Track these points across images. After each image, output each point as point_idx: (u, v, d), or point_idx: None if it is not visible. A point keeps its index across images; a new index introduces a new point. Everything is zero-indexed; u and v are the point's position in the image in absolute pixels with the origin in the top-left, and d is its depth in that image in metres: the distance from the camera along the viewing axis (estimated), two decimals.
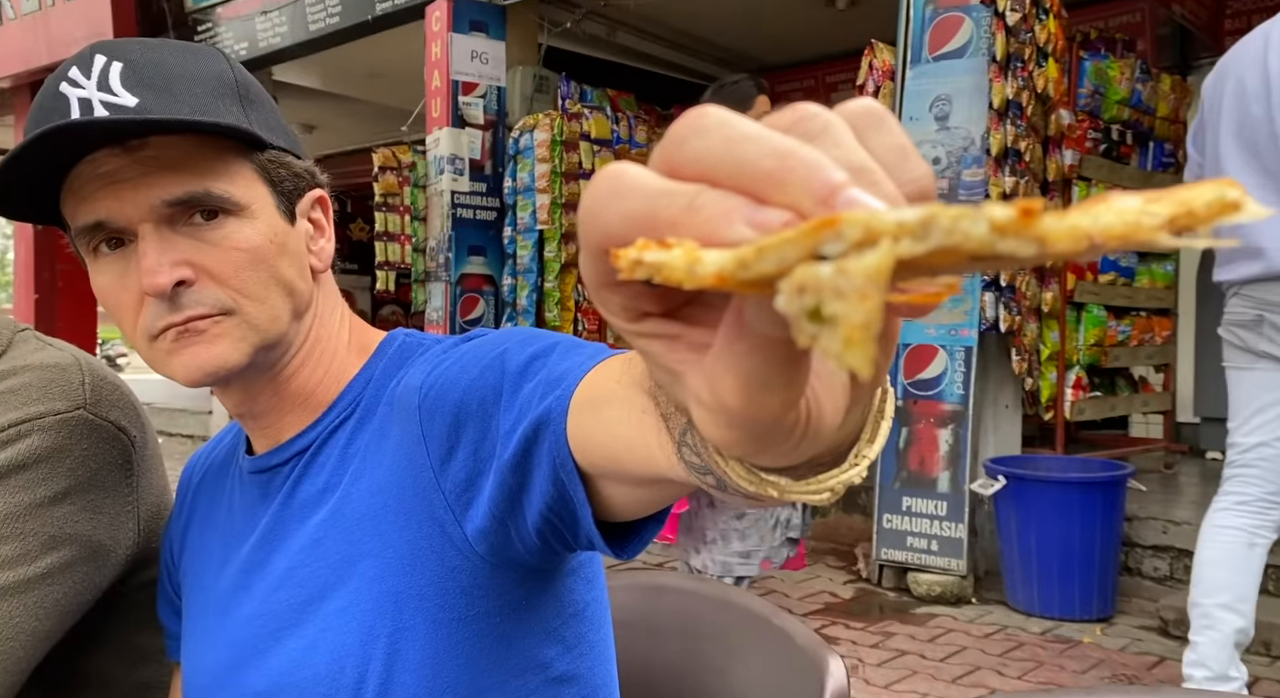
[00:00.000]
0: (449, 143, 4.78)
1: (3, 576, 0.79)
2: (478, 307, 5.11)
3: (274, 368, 0.76)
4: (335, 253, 0.83)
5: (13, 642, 0.80)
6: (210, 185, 0.69)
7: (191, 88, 0.71)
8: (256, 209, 0.72)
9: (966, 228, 0.20)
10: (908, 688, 2.55)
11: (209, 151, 0.70)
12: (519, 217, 5.00)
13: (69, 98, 0.67)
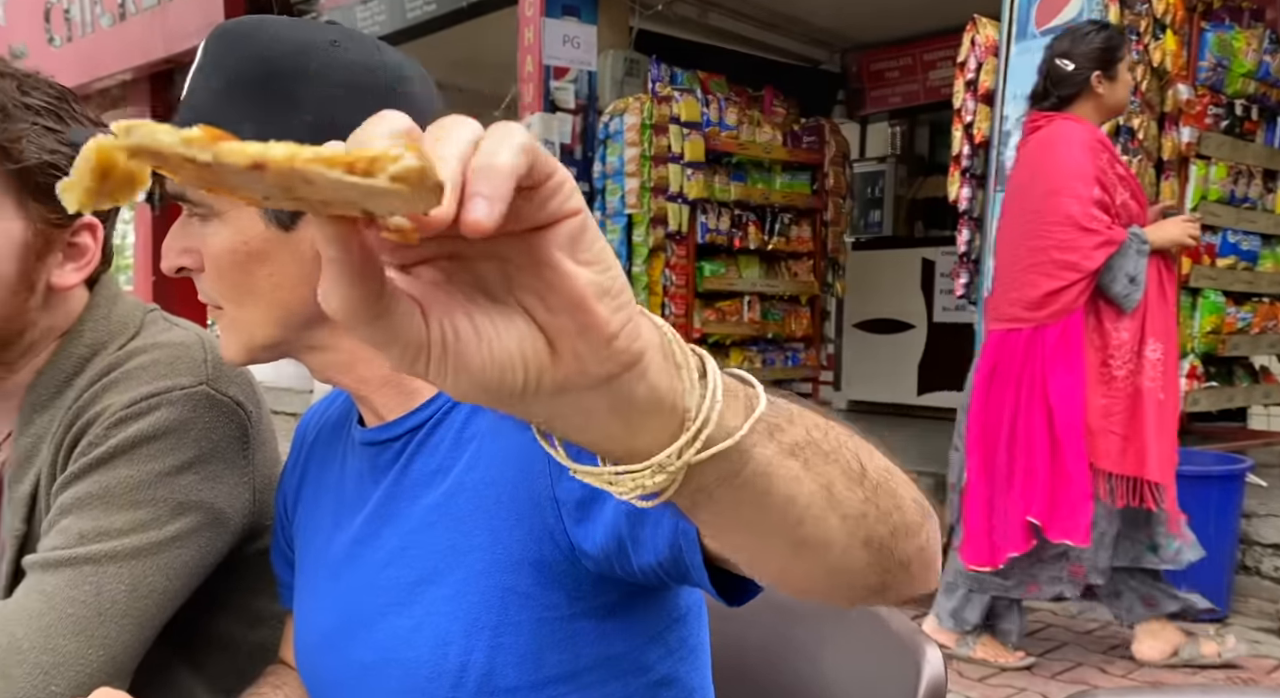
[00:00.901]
0: (541, 128, 4.83)
1: (137, 538, 0.84)
2: None
3: (314, 357, 0.79)
4: None
5: (146, 600, 0.85)
6: (187, 188, 0.72)
7: (221, 77, 0.73)
8: (231, 216, 0.74)
9: (163, 139, 0.29)
10: (1003, 683, 2.48)
11: None
12: (608, 201, 5.03)
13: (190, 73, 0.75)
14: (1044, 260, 2.43)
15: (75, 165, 0.30)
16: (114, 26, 7.43)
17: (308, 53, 0.73)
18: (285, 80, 0.72)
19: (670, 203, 4.92)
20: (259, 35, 0.74)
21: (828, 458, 0.46)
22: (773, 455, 0.44)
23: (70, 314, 0.95)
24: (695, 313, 5.16)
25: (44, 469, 0.90)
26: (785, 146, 5.33)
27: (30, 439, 0.91)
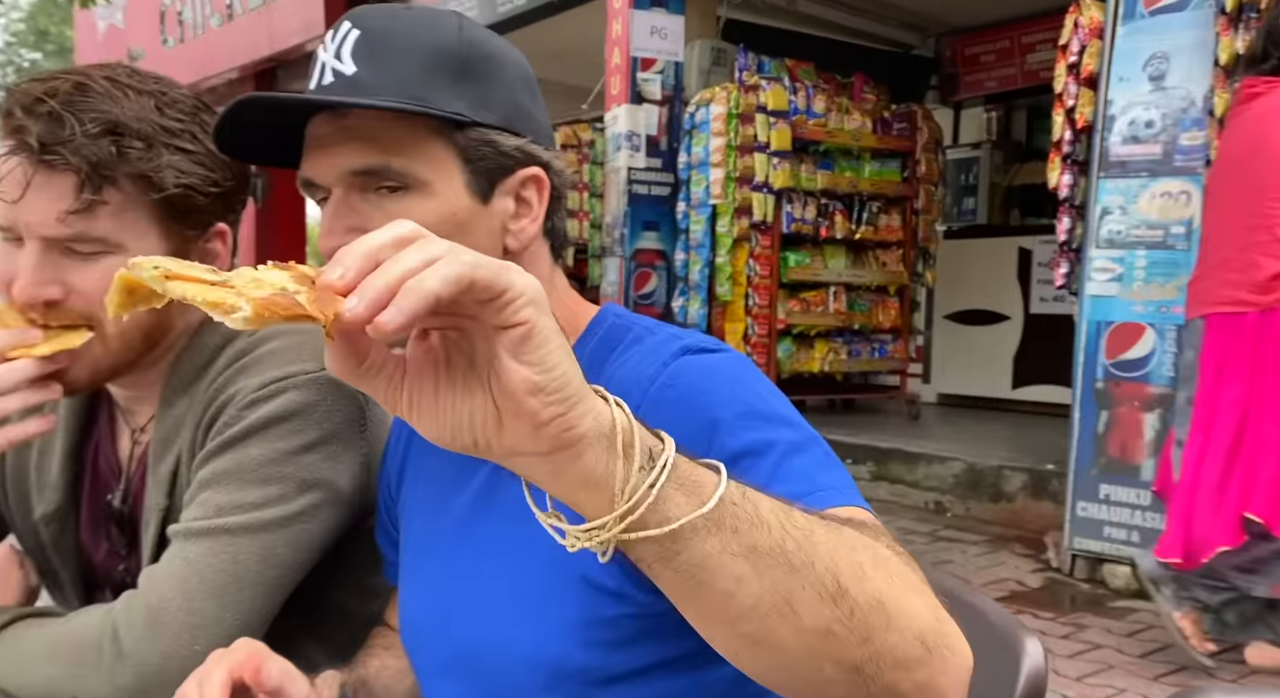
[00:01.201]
0: (627, 120, 4.86)
1: (268, 511, 0.90)
2: (650, 281, 5.19)
3: None
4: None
5: (275, 569, 0.91)
6: (392, 160, 0.72)
7: (408, 61, 0.73)
8: (439, 187, 0.74)
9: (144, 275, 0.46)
10: (1103, 682, 2.40)
11: (401, 128, 0.72)
12: (692, 191, 5.03)
13: (318, 59, 0.75)
14: (1268, 238, 2.29)
15: (111, 287, 0.48)
16: (222, 27, 7.78)
17: (489, 40, 0.78)
18: (485, 63, 0.76)
19: (755, 192, 4.90)
20: (444, 18, 0.77)
21: (794, 571, 0.50)
22: (713, 552, 0.49)
23: (194, 310, 1.01)
24: (779, 303, 5.12)
25: (184, 448, 0.97)
26: (875, 134, 5.24)
27: (171, 422, 0.98)
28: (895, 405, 5.76)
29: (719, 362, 0.73)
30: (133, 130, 0.88)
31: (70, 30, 13.44)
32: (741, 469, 0.60)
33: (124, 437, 1.04)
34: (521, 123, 0.77)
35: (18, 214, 0.87)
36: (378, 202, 0.73)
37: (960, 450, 4.27)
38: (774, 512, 0.51)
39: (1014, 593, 3.11)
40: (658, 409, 0.69)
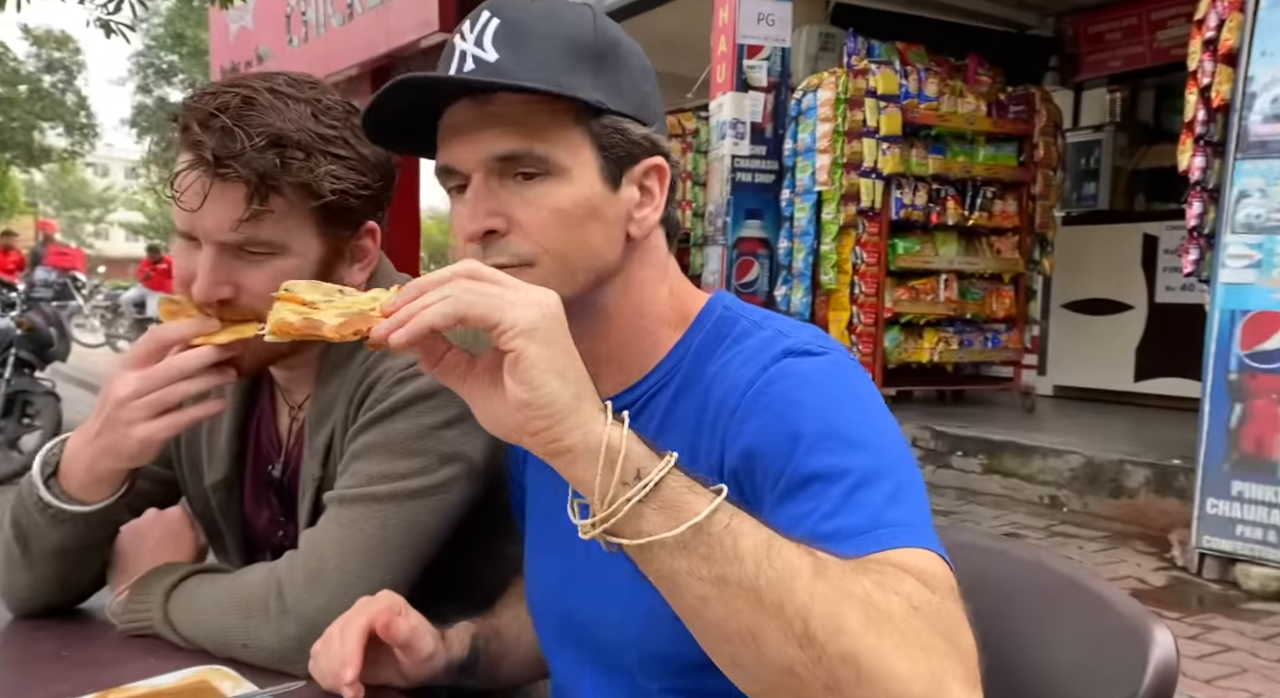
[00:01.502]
0: (731, 107, 4.86)
1: (414, 481, 0.97)
2: (752, 270, 5.17)
3: (574, 325, 0.82)
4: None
5: (420, 535, 0.98)
6: (535, 145, 0.74)
7: (548, 48, 0.75)
8: (577, 173, 0.75)
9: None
10: (1237, 686, 2.30)
11: (544, 114, 0.74)
12: (798, 178, 4.99)
13: (455, 48, 0.77)
14: None
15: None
16: (343, 26, 8.12)
17: (619, 34, 0.80)
18: (615, 52, 0.78)
19: (863, 178, 4.82)
20: (580, 10, 0.78)
21: (761, 607, 0.55)
22: (680, 571, 0.57)
23: None
24: (886, 291, 5.03)
25: (338, 423, 1.05)
26: (990, 117, 5.07)
27: (325, 399, 1.06)
28: (1008, 397, 5.59)
29: (817, 368, 0.73)
30: (294, 141, 0.94)
31: (204, 32, 14.22)
32: (811, 493, 0.64)
33: (283, 414, 1.14)
34: (647, 112, 0.79)
35: (196, 221, 0.95)
36: (516, 187, 0.75)
37: (1078, 444, 4.12)
38: (756, 549, 0.56)
39: (1136, 591, 2.99)
40: (750, 415, 0.71)
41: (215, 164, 0.92)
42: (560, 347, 0.61)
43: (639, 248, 0.80)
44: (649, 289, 0.82)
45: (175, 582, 0.98)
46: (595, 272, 0.77)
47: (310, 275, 0.99)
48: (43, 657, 0.95)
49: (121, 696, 0.81)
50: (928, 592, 0.58)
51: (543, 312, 0.60)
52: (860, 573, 0.57)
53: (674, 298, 0.83)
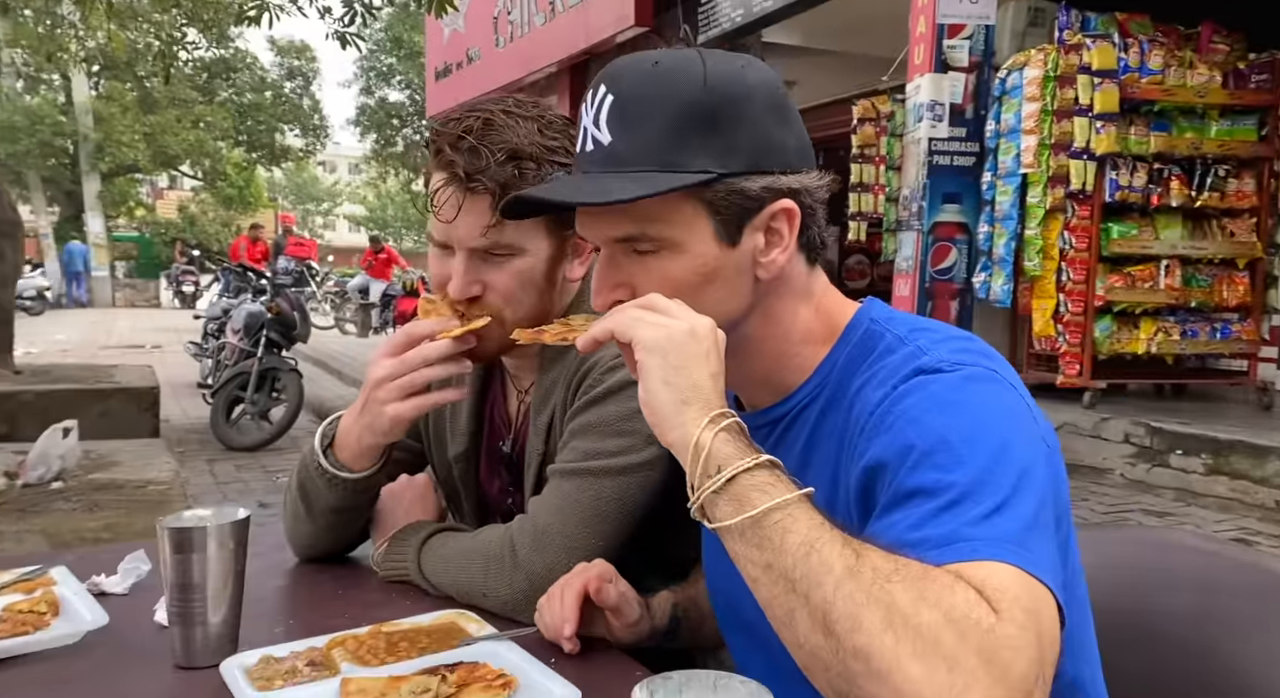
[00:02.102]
0: (929, 89, 4.71)
1: (623, 459, 1.09)
2: (949, 256, 5.00)
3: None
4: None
5: (629, 507, 1.10)
6: (646, 228, 0.81)
7: (659, 124, 0.78)
8: (690, 243, 0.81)
9: None
10: None
11: (654, 198, 0.79)
12: (1000, 160, 4.77)
13: (582, 121, 0.84)
14: None
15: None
16: (545, 25, 8.52)
17: (734, 79, 0.80)
18: (730, 108, 0.79)
19: (1074, 159, 4.54)
20: (690, 69, 0.80)
21: (794, 595, 0.65)
22: (740, 553, 0.68)
23: (570, 293, 1.23)
24: (1097, 278, 4.73)
25: (558, 405, 1.18)
26: (1225, 88, 4.63)
27: (548, 384, 1.20)
28: (1240, 393, 5.10)
29: (943, 385, 0.75)
30: (527, 154, 1.08)
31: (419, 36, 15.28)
32: (910, 505, 0.70)
33: (512, 397, 1.29)
34: (769, 158, 0.81)
35: (450, 231, 1.11)
36: (639, 260, 0.82)
37: None
38: (799, 546, 0.65)
39: None
40: (877, 433, 0.76)
41: (466, 180, 1.07)
42: (674, 360, 0.73)
43: (774, 284, 0.84)
44: (788, 316, 0.86)
45: (425, 537, 1.15)
46: (721, 322, 0.80)
47: (542, 270, 1.14)
48: (324, 595, 1.15)
49: (390, 628, 0.98)
50: (984, 609, 0.61)
51: (667, 333, 0.74)
52: (904, 581, 0.62)
53: (820, 314, 0.87)
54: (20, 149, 18.73)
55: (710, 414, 0.72)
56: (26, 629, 0.96)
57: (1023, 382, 0.81)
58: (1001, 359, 0.82)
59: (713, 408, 0.73)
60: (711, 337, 0.76)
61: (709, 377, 0.74)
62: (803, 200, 0.82)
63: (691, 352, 0.74)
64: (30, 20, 10.26)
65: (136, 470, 4.11)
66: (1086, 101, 4.47)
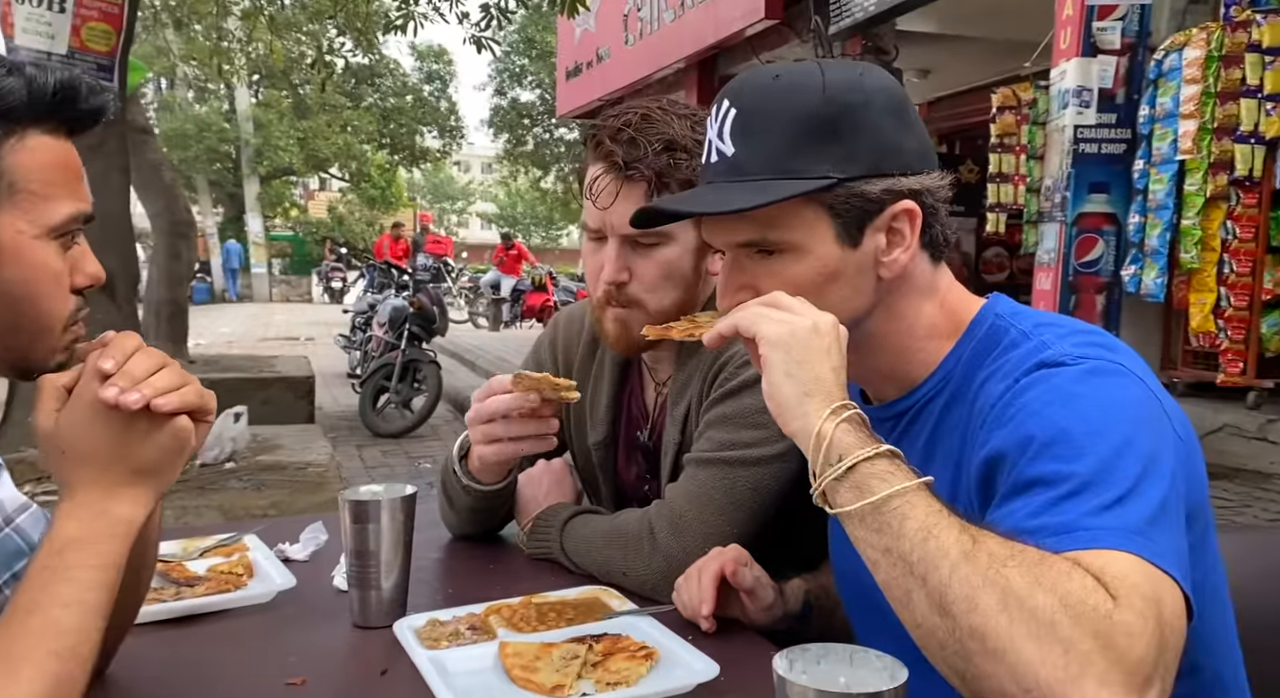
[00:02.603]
0: (1076, 73, 4.50)
1: (756, 450, 1.14)
2: (1095, 248, 4.76)
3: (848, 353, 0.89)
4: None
5: (762, 496, 1.14)
6: (767, 233, 0.84)
7: (780, 135, 0.82)
8: (811, 246, 0.84)
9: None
10: None
11: (775, 204, 0.82)
12: (1154, 147, 4.50)
13: (707, 133, 0.88)
14: None
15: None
16: (674, 21, 8.58)
17: (852, 87, 0.83)
18: (850, 116, 0.82)
19: (1239, 144, 4.24)
20: (809, 81, 0.83)
21: (911, 576, 0.67)
22: (860, 537, 0.71)
23: (710, 287, 1.28)
24: (1266, 271, 4.39)
25: (694, 397, 1.24)
26: None
27: (685, 377, 1.25)
28: None
29: (1065, 378, 0.76)
30: (681, 145, 1.15)
31: (551, 36, 15.65)
32: (1028, 494, 0.71)
33: (650, 389, 1.35)
34: (889, 161, 0.83)
35: (606, 217, 1.18)
36: (762, 262, 0.86)
37: None
38: (916, 532, 0.68)
39: None
40: (998, 425, 0.77)
41: (624, 168, 1.15)
42: (796, 355, 0.77)
43: (897, 282, 0.86)
44: (913, 312, 0.88)
45: (567, 518, 1.23)
46: (844, 320, 0.82)
47: (689, 262, 1.20)
48: (476, 569, 1.24)
49: (540, 600, 1.06)
50: (1101, 595, 0.62)
51: (790, 329, 0.77)
52: (1019, 566, 0.64)
53: (944, 310, 0.89)
54: (190, 155, 20.34)
55: (832, 405, 0.75)
56: (228, 588, 1.09)
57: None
58: (1129, 352, 0.82)
59: (834, 400, 0.76)
60: (834, 332, 0.79)
61: (830, 370, 0.77)
62: (924, 200, 0.85)
63: (814, 346, 0.77)
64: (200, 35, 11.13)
65: (297, 453, 4.44)
66: (1255, 82, 4.16)
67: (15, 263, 0.71)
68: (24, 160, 0.71)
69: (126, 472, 0.72)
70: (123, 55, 3.94)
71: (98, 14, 3.84)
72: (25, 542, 0.86)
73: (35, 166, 0.71)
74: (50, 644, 0.65)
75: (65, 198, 0.74)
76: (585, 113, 11.61)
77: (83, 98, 0.73)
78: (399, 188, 25.51)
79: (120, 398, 0.70)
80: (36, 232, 0.72)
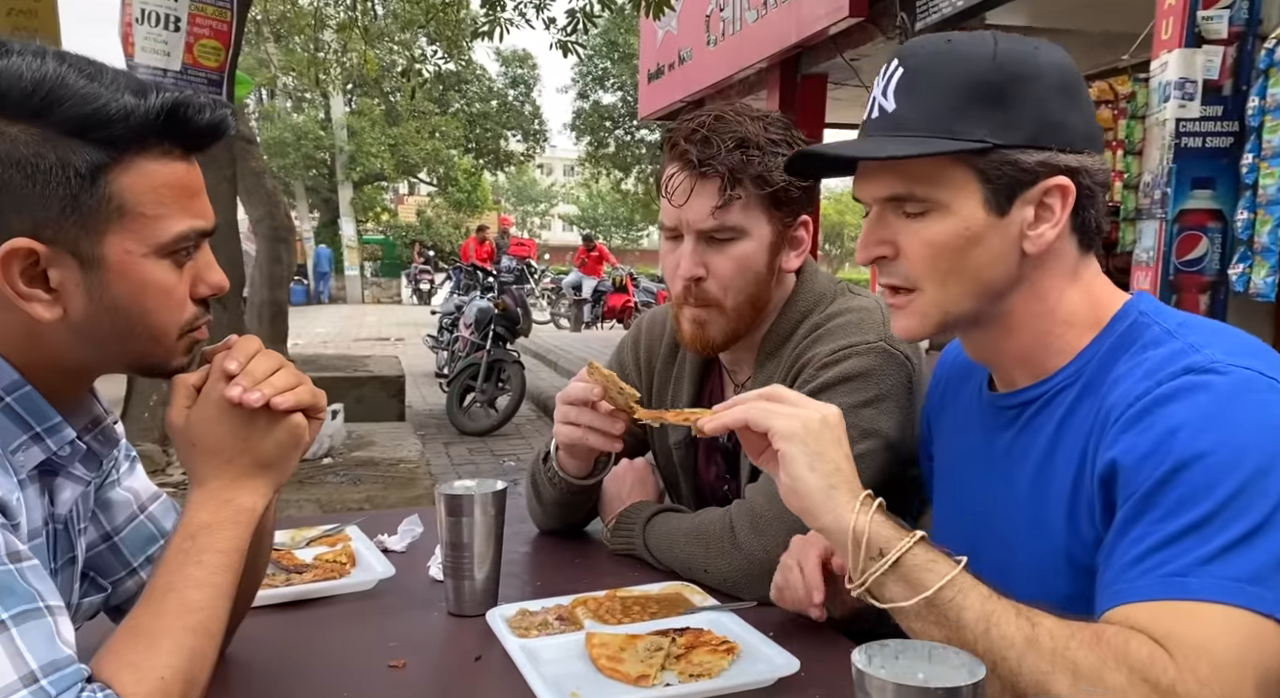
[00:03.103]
0: (1179, 65, 4.31)
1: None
2: (1199, 246, 4.54)
3: (981, 330, 0.89)
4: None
5: None
6: (915, 188, 0.84)
7: (943, 94, 0.82)
8: (957, 207, 0.83)
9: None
10: None
11: (928, 160, 0.82)
12: (1265, 140, 4.27)
13: (872, 92, 0.88)
14: None
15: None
16: (756, 21, 8.55)
17: (1024, 59, 0.82)
18: (1015, 85, 0.81)
19: None
20: (981, 47, 0.83)
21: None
22: (918, 630, 0.73)
23: (787, 288, 1.30)
24: None
25: None
26: None
27: (764, 378, 1.28)
28: None
29: (1214, 391, 0.72)
30: (753, 142, 1.19)
31: (634, 38, 15.75)
32: (1147, 520, 0.70)
33: (729, 390, 1.38)
34: (1049, 135, 0.81)
35: (681, 214, 1.22)
36: (905, 221, 0.85)
37: None
38: (976, 623, 0.69)
39: None
40: (1129, 429, 0.75)
41: (698, 165, 1.19)
42: (815, 448, 0.80)
43: (1042, 259, 0.85)
44: (1054, 295, 0.86)
45: (649, 516, 1.26)
46: (982, 291, 0.83)
47: (764, 259, 1.23)
48: (563, 563, 1.29)
49: (624, 593, 1.09)
50: (1161, 663, 0.64)
51: (802, 423, 0.81)
52: (1082, 646, 0.66)
53: (1088, 300, 0.87)
54: (288, 162, 21.19)
55: (859, 497, 0.79)
56: (334, 575, 1.16)
57: None
58: None
59: (858, 491, 0.80)
60: (841, 424, 0.84)
61: (846, 459, 0.82)
62: (1081, 181, 0.82)
63: (827, 437, 0.82)
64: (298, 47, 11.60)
65: (389, 450, 4.60)
66: None
67: (123, 280, 0.73)
68: (133, 183, 0.72)
69: (249, 465, 0.78)
70: (230, 70, 4.16)
71: (209, 32, 4.06)
72: (157, 529, 0.93)
73: (145, 189, 0.72)
74: (185, 621, 0.71)
75: (178, 216, 0.74)
76: (666, 114, 11.64)
77: (193, 117, 0.74)
78: (484, 191, 26.03)
79: (244, 397, 0.77)
80: (145, 251, 0.73)
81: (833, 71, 8.25)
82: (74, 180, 0.69)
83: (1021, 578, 0.85)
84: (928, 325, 0.88)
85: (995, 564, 0.91)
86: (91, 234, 0.70)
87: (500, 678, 0.90)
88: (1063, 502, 0.82)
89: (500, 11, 6.42)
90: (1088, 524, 0.79)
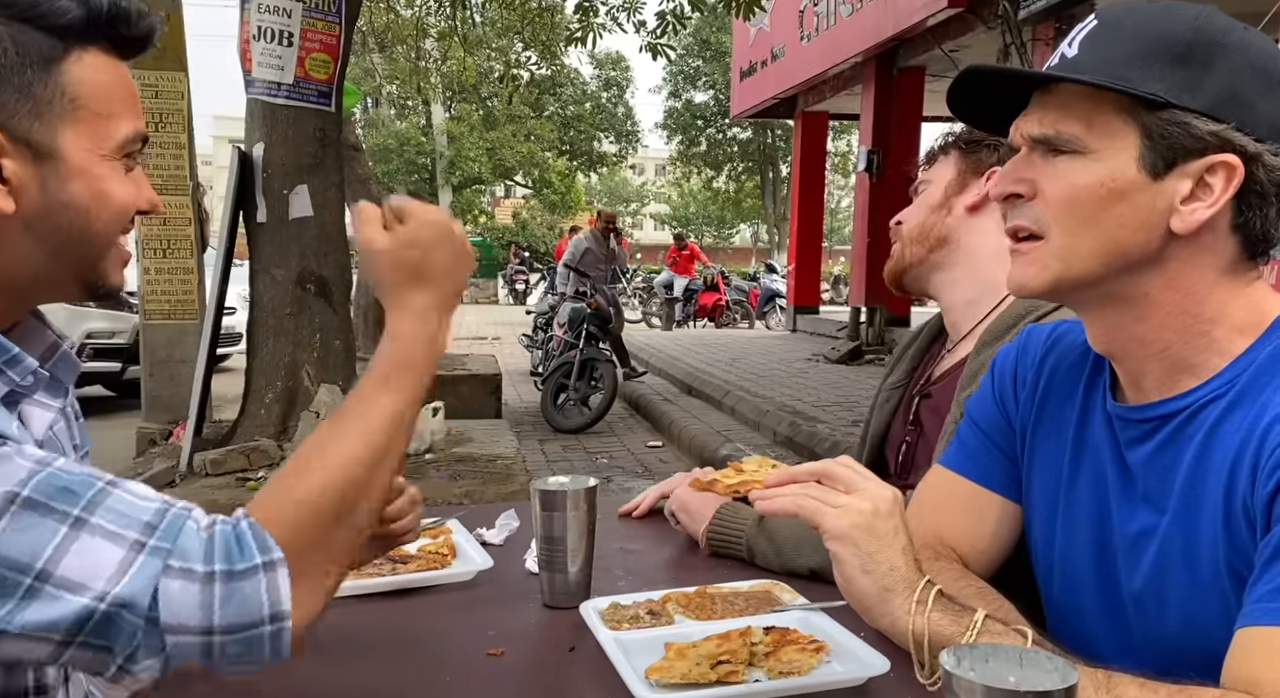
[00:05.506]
0: None
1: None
2: None
3: (1113, 309, 0.82)
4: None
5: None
6: (1062, 127, 0.79)
7: (1124, 45, 0.77)
8: (1106, 155, 0.77)
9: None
10: None
11: (1086, 102, 0.78)
12: None
13: (1060, 48, 0.83)
14: None
15: None
16: (851, 16, 8.41)
17: (1227, 30, 0.77)
18: (1210, 51, 0.76)
19: None
20: (1185, 10, 0.78)
21: None
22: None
23: (959, 228, 1.35)
24: None
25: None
26: None
27: (979, 363, 1.23)
28: None
29: None
30: None
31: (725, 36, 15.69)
32: None
33: (946, 360, 1.39)
34: (1232, 110, 0.75)
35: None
36: (1052, 162, 0.81)
37: None
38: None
39: None
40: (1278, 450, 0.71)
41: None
42: (866, 548, 0.79)
43: (1188, 242, 0.78)
44: (1200, 287, 0.79)
45: (759, 518, 1.27)
46: (1113, 253, 0.78)
47: (938, 195, 1.35)
48: (654, 558, 1.31)
49: (714, 590, 1.11)
50: None
51: (853, 521, 0.79)
52: None
53: (1246, 301, 0.80)
54: (391, 168, 21.98)
55: (915, 596, 0.77)
56: (436, 566, 1.21)
57: None
58: None
59: (915, 587, 0.78)
60: (898, 510, 0.81)
61: (901, 553, 0.80)
62: (1254, 170, 0.75)
63: (881, 532, 0.80)
64: (401, 57, 12.00)
65: (487, 447, 4.73)
66: None
67: (80, 177, 0.72)
68: (84, 77, 0.71)
69: (451, 293, 0.83)
70: (339, 81, 4.35)
71: (319, 46, 4.26)
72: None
73: (96, 84, 0.72)
74: (367, 435, 0.74)
75: (127, 116, 0.74)
76: (759, 112, 11.56)
77: (134, 21, 0.74)
78: (578, 193, 26.39)
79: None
80: (102, 151, 0.73)
81: (930, 64, 8.05)
82: (28, 67, 0.69)
83: (1176, 600, 0.81)
84: (1045, 277, 0.82)
85: (1139, 592, 0.85)
86: (46, 126, 0.70)
87: (593, 669, 0.93)
88: (1218, 516, 0.77)
89: (593, 17, 6.51)
90: (1247, 533, 0.74)
